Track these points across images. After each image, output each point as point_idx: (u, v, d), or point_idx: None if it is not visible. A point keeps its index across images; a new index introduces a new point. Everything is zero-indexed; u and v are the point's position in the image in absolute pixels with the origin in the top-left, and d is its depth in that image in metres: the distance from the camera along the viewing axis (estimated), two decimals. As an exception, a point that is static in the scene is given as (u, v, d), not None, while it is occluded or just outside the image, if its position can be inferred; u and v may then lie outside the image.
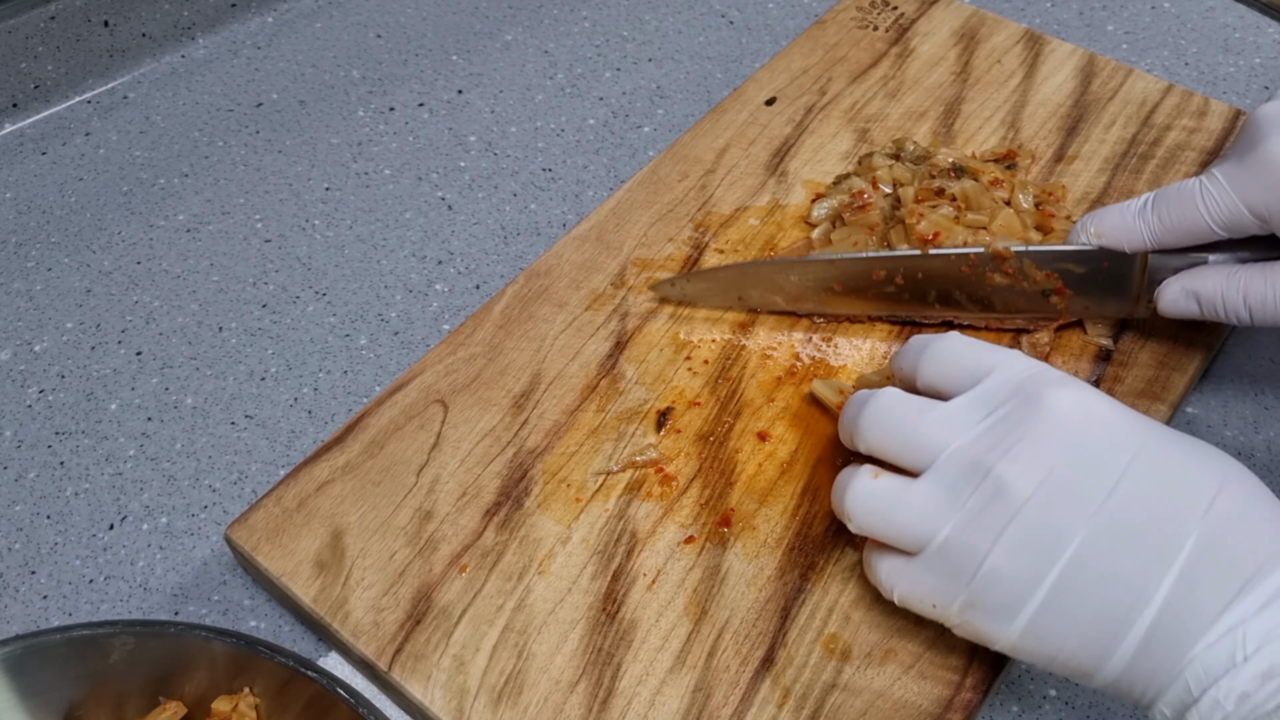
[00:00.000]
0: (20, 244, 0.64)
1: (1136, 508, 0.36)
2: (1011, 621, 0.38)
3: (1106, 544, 0.36)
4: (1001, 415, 0.39)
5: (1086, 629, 0.36)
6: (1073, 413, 0.38)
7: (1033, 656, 0.38)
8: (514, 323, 0.55)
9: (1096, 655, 0.37)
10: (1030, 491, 0.37)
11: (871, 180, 0.59)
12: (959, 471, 0.39)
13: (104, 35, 0.71)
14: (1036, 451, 0.38)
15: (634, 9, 0.80)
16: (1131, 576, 0.36)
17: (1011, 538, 0.37)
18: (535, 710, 0.42)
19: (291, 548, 0.47)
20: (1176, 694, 0.35)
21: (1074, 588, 0.37)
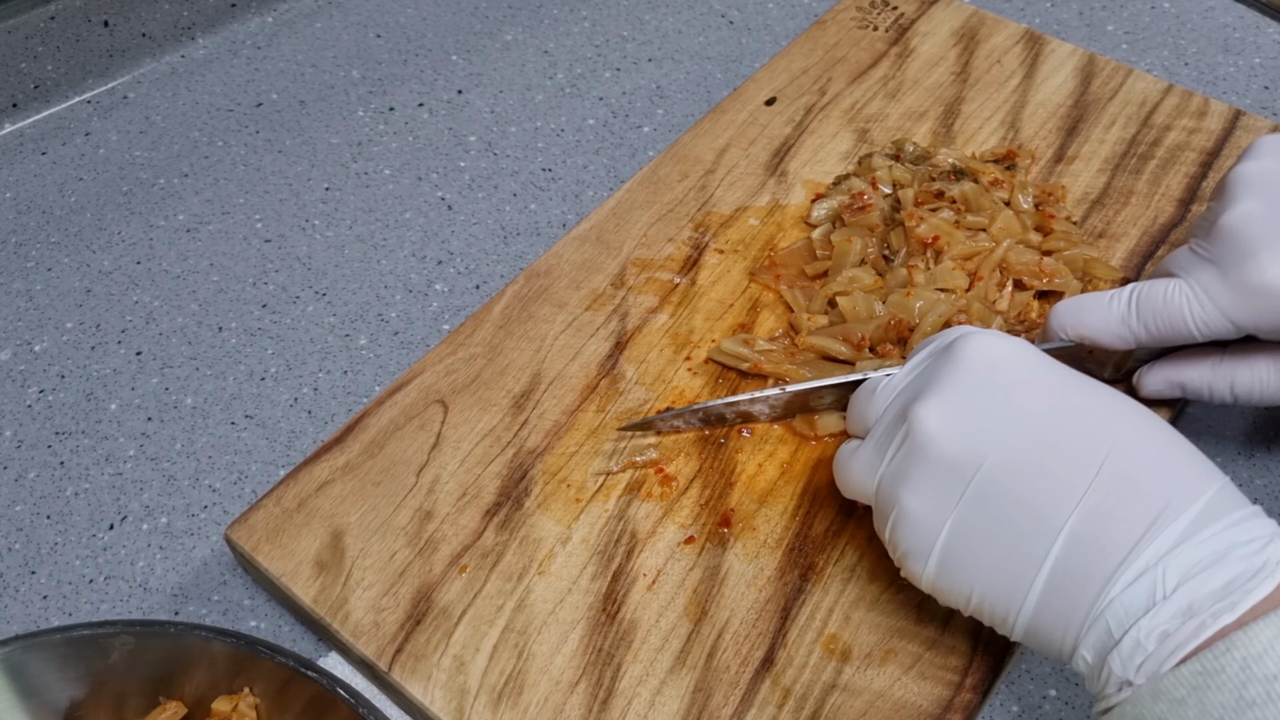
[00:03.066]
0: (20, 244, 0.64)
1: (1038, 444, 0.36)
2: (926, 562, 0.39)
3: (1007, 479, 0.36)
4: (922, 369, 0.42)
5: (993, 567, 0.37)
6: (982, 353, 0.39)
7: (951, 597, 0.39)
8: (514, 323, 0.55)
9: (1007, 594, 0.37)
10: (934, 430, 0.38)
11: (871, 181, 0.59)
12: (886, 425, 0.41)
13: (104, 35, 0.71)
14: (945, 392, 0.38)
15: (634, 9, 0.80)
16: (1033, 510, 0.36)
17: (918, 477, 0.38)
18: (535, 710, 0.42)
19: (291, 548, 0.47)
20: (1097, 636, 0.34)
21: (977, 523, 0.37)
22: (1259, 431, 0.54)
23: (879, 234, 0.56)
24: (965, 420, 0.38)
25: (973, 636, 0.44)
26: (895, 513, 0.39)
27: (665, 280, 0.57)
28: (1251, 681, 0.31)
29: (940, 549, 0.38)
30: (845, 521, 0.48)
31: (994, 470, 0.37)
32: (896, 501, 0.39)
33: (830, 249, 0.57)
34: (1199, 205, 0.60)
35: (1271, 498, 0.52)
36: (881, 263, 0.56)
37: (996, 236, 0.55)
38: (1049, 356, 0.40)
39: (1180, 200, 0.61)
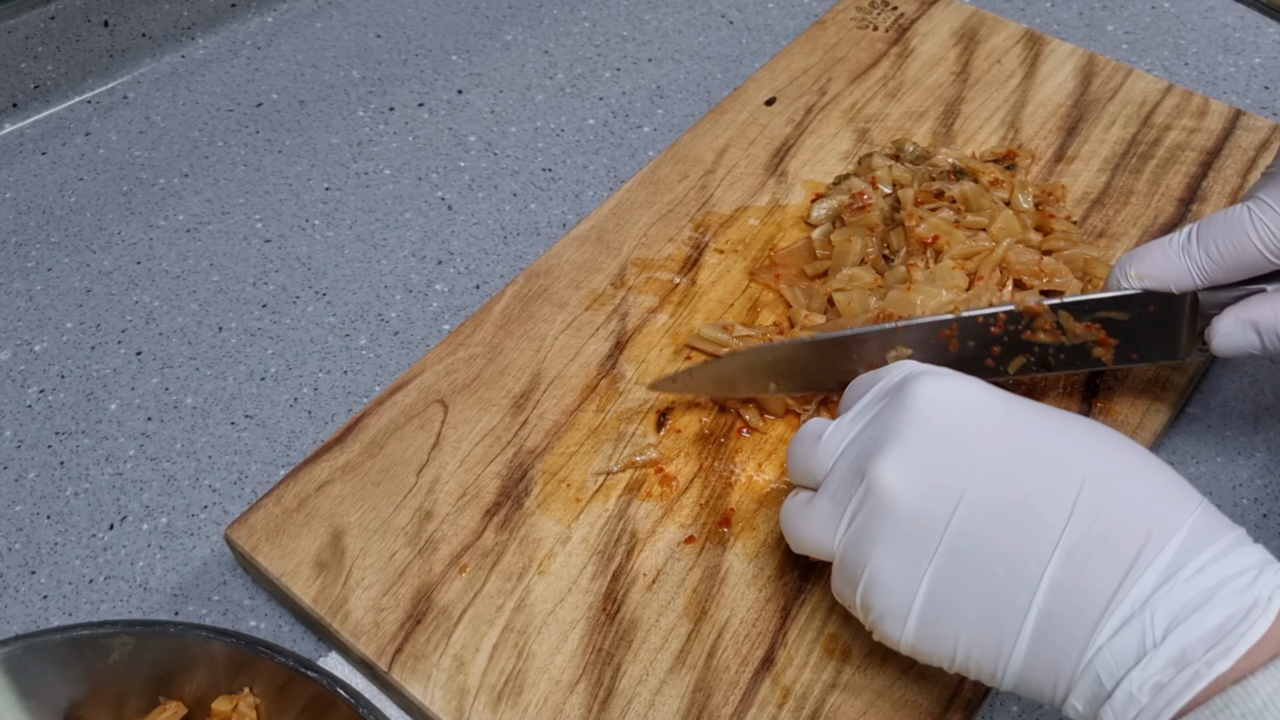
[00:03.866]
0: (20, 244, 0.64)
1: (1007, 488, 0.35)
2: (904, 623, 0.36)
3: (980, 529, 0.35)
4: (873, 416, 0.39)
5: (976, 622, 0.35)
6: (935, 399, 0.37)
7: (935, 658, 0.37)
8: (514, 323, 0.55)
9: (993, 650, 0.35)
10: (899, 488, 0.36)
11: (871, 181, 0.59)
12: (840, 479, 0.39)
13: (104, 35, 0.71)
14: (903, 445, 0.37)
15: (634, 9, 0.80)
16: (1011, 560, 0.34)
17: (887, 536, 0.36)
18: (535, 710, 0.42)
19: (291, 548, 0.47)
20: (1088, 686, 0.33)
21: (955, 578, 0.35)
22: (1259, 431, 0.54)
23: (879, 234, 0.56)
24: (928, 472, 0.36)
25: (973, 636, 0.44)
26: (866, 575, 0.37)
27: (665, 280, 0.57)
28: None
29: (919, 608, 0.36)
30: (845, 521, 0.48)
31: (965, 521, 0.35)
32: (867, 563, 0.37)
33: (830, 249, 0.57)
34: (1199, 205, 0.60)
35: (1272, 498, 0.52)
36: (881, 262, 0.56)
37: (996, 236, 0.55)
38: (1005, 393, 0.38)
39: (1180, 200, 0.61)
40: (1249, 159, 0.63)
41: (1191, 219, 0.59)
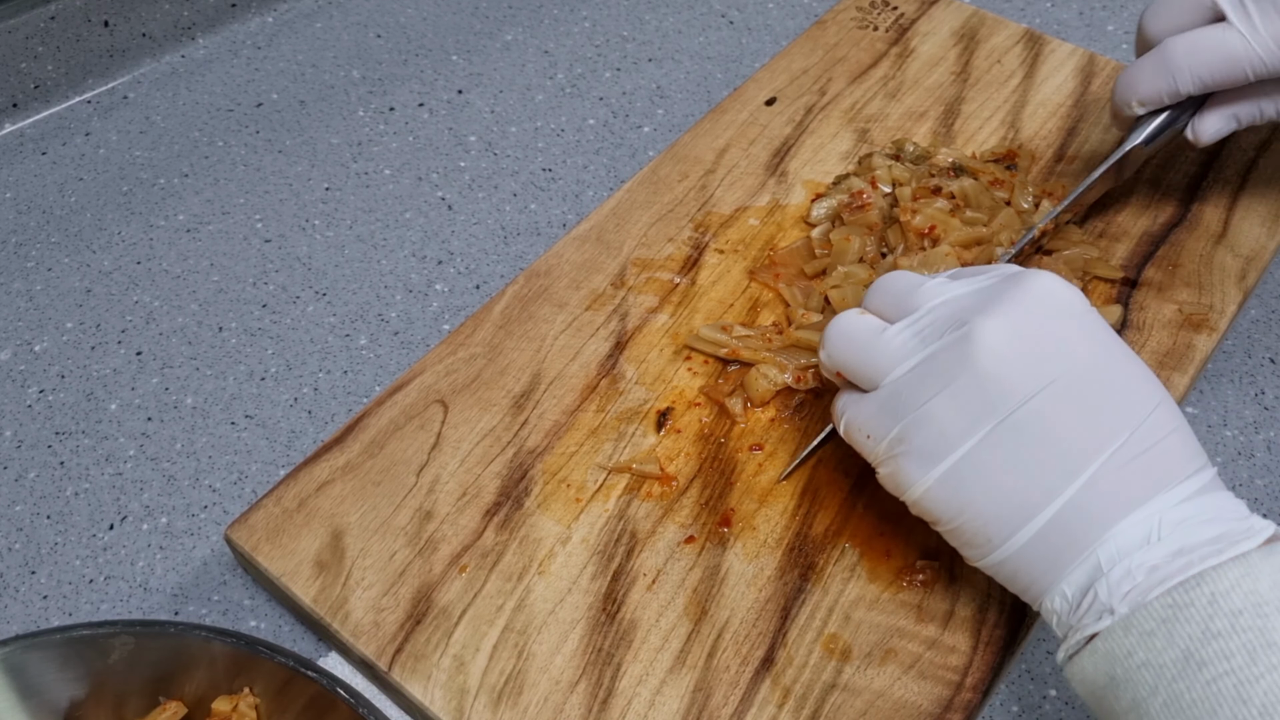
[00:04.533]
0: (20, 244, 0.64)
1: (1092, 386, 0.37)
2: (932, 468, 0.38)
3: (1053, 413, 0.37)
4: (983, 288, 0.40)
5: (1006, 491, 0.37)
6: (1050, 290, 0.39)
7: (936, 509, 0.39)
8: (514, 323, 0.55)
9: (1008, 521, 0.37)
10: (998, 347, 0.38)
11: (870, 180, 0.59)
12: (935, 320, 0.40)
13: (104, 35, 0.71)
14: (1013, 316, 0.38)
15: (634, 9, 0.80)
16: (1066, 448, 0.37)
17: (963, 385, 0.38)
18: (535, 710, 0.42)
19: (291, 548, 0.47)
20: (1085, 572, 0.36)
21: (1007, 447, 0.37)
22: (1259, 431, 0.54)
23: (877, 232, 0.56)
24: (1027, 349, 0.38)
25: (973, 636, 0.44)
26: (921, 411, 0.39)
27: (665, 280, 0.57)
28: (1218, 615, 0.32)
29: (957, 459, 0.38)
30: (845, 521, 0.48)
31: (1044, 402, 0.37)
32: (929, 400, 0.38)
33: (829, 248, 0.57)
34: (1199, 205, 0.60)
35: (1272, 498, 0.52)
36: (880, 261, 0.56)
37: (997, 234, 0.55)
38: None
39: (1180, 200, 0.61)
40: (1249, 159, 0.63)
41: (1192, 219, 0.59)
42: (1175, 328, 0.54)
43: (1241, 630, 0.32)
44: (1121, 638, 0.34)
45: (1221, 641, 0.32)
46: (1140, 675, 0.34)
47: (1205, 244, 0.58)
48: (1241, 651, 0.32)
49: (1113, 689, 0.35)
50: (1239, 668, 0.31)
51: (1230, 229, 0.59)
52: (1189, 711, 0.32)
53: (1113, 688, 0.35)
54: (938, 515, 0.39)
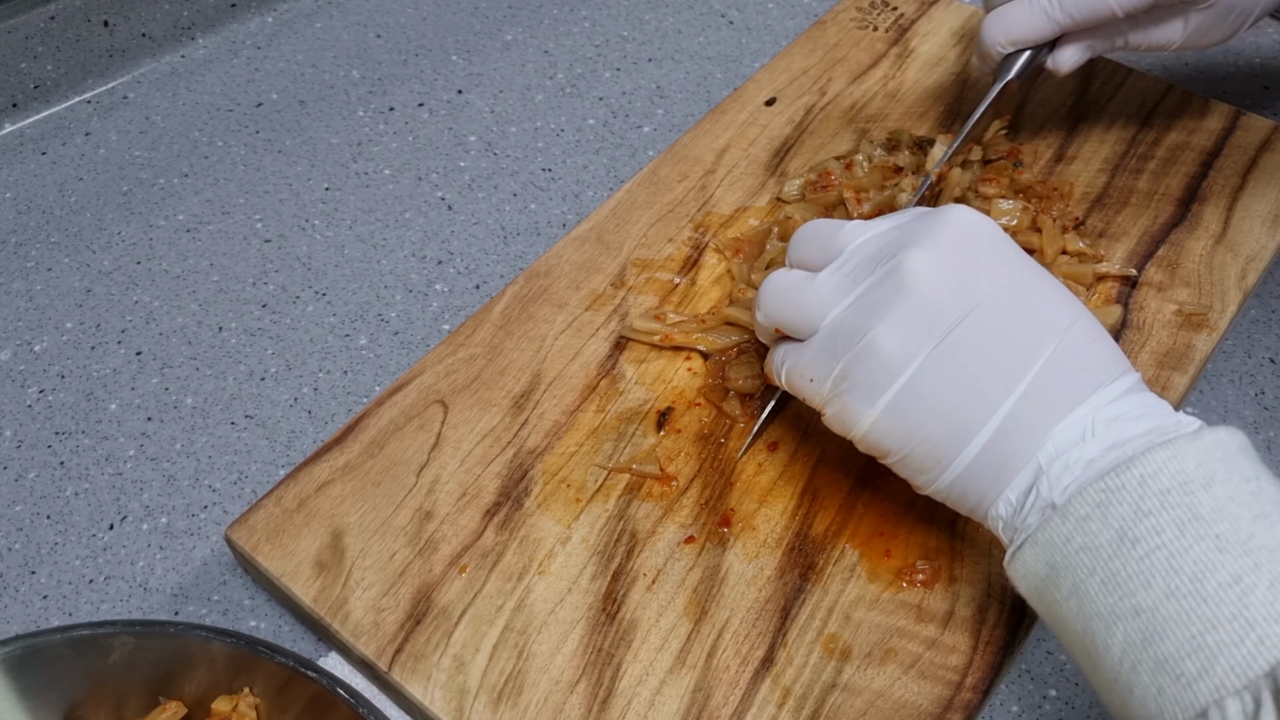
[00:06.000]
0: (20, 244, 0.64)
1: (1018, 300, 0.39)
2: (877, 400, 0.40)
3: (986, 328, 0.39)
4: (904, 225, 0.42)
5: (950, 409, 0.39)
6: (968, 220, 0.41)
7: (885, 440, 0.40)
8: (514, 323, 0.55)
9: (954, 439, 0.39)
10: (928, 274, 0.39)
11: (847, 163, 0.60)
12: (861, 260, 0.42)
13: (104, 35, 0.71)
14: (938, 245, 0.40)
15: (634, 9, 0.80)
16: (1003, 360, 0.38)
17: (900, 313, 0.39)
18: (535, 710, 0.42)
19: (291, 548, 0.47)
20: (1027, 475, 0.38)
21: (946, 366, 0.39)
22: (1259, 431, 0.54)
23: (836, 213, 0.58)
24: (955, 274, 0.40)
25: (973, 636, 0.44)
26: (861, 345, 0.40)
27: (665, 280, 0.57)
28: (1148, 495, 0.34)
29: (900, 387, 0.39)
30: (845, 521, 0.48)
31: (975, 321, 0.39)
32: (867, 333, 0.40)
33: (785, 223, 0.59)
34: (1199, 205, 0.60)
35: (1271, 498, 0.52)
36: None
37: None
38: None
39: (1180, 200, 0.61)
40: (1249, 159, 0.63)
41: (1192, 219, 0.59)
42: (1175, 328, 0.54)
43: (1170, 507, 0.34)
44: (1060, 525, 0.36)
45: (1152, 519, 0.34)
46: (1079, 559, 0.35)
47: (1205, 244, 0.58)
48: (1171, 526, 0.34)
49: (1053, 578, 0.36)
50: (1169, 541, 0.33)
51: (1230, 229, 0.59)
52: (1125, 586, 0.34)
53: (1053, 576, 0.36)
54: (888, 445, 0.40)
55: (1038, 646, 0.47)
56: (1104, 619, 0.34)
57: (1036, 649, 0.47)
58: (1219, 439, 0.35)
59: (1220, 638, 0.32)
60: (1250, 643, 0.31)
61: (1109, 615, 0.34)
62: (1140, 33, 0.56)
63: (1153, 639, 0.33)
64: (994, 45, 0.56)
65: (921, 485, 0.41)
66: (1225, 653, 0.31)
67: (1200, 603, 0.32)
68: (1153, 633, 0.33)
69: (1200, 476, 0.34)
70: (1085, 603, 0.35)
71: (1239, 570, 0.32)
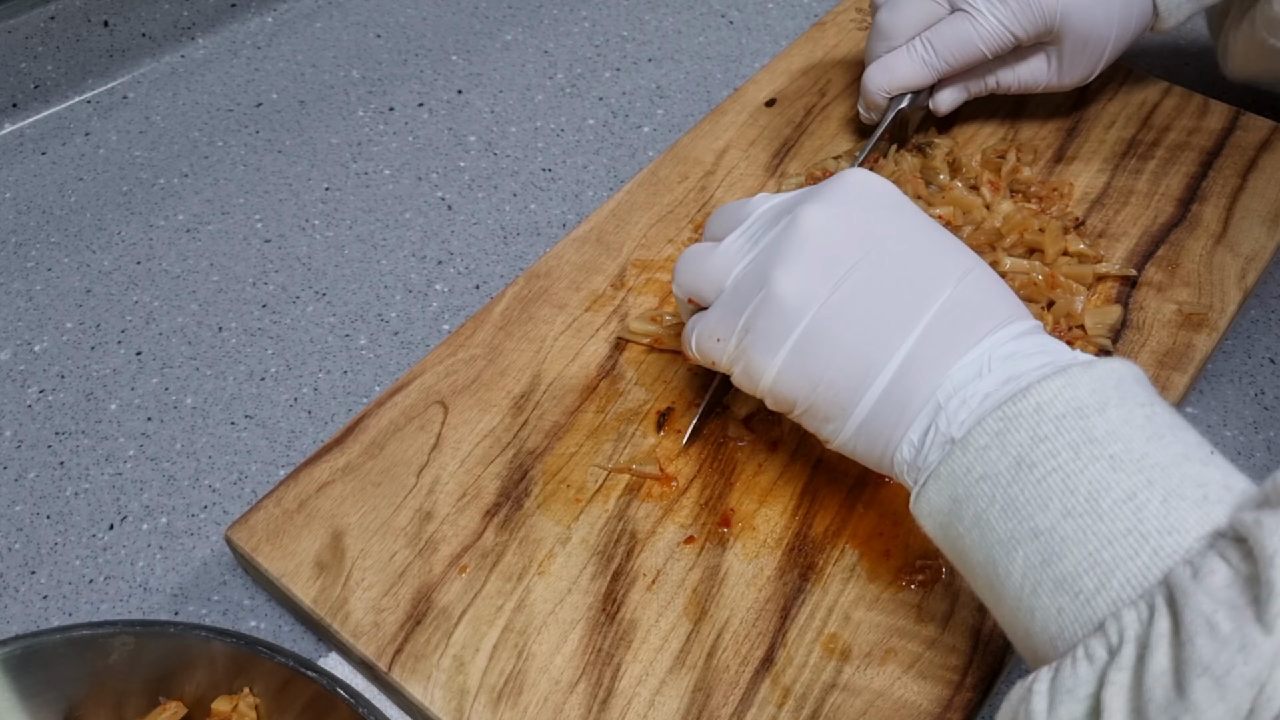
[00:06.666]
0: (20, 244, 0.64)
1: (915, 247, 0.40)
2: (779, 350, 0.40)
3: (884, 272, 0.40)
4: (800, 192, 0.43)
5: (850, 354, 0.39)
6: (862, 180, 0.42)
7: (789, 390, 0.41)
8: (514, 324, 0.55)
9: (856, 382, 0.39)
10: (823, 222, 0.41)
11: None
12: (763, 223, 0.43)
13: (104, 35, 0.71)
14: (832, 198, 0.41)
15: (634, 9, 0.80)
16: (900, 304, 0.39)
17: (795, 259, 0.40)
18: (535, 710, 0.42)
19: (291, 548, 0.47)
20: (927, 414, 0.38)
21: (846, 310, 0.39)
22: (1259, 431, 0.54)
23: None
24: (850, 224, 0.41)
25: (973, 636, 0.44)
26: (760, 297, 0.41)
27: (665, 281, 0.57)
28: (1044, 421, 0.35)
29: (799, 335, 0.40)
30: (845, 521, 0.48)
31: (870, 266, 0.40)
32: (764, 285, 0.41)
33: None
34: (1199, 205, 0.60)
35: (1271, 498, 0.52)
36: None
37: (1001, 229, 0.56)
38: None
39: (1180, 200, 0.61)
40: (1249, 159, 0.63)
41: (1192, 219, 0.59)
42: (1175, 327, 0.54)
43: (1065, 431, 0.34)
44: (960, 457, 0.36)
45: (1048, 443, 0.34)
46: (979, 488, 0.36)
47: (1205, 244, 0.58)
48: (1066, 449, 0.34)
49: (956, 510, 0.36)
50: (1065, 464, 0.34)
51: (1230, 229, 0.59)
52: (1024, 510, 0.34)
53: (956, 509, 0.36)
54: (793, 395, 0.41)
55: (1038, 647, 0.47)
56: (1005, 545, 0.35)
57: (1036, 649, 0.47)
58: (1113, 368, 0.36)
59: (1116, 552, 0.32)
60: (1145, 554, 0.32)
61: (1009, 541, 0.35)
62: (1009, 71, 0.61)
63: (1051, 559, 0.33)
64: (878, 92, 0.60)
65: (829, 437, 0.42)
66: (1121, 566, 0.32)
67: (1096, 520, 0.33)
68: (1051, 553, 0.34)
69: (1094, 402, 0.35)
70: (987, 531, 0.35)
71: (1133, 487, 0.33)
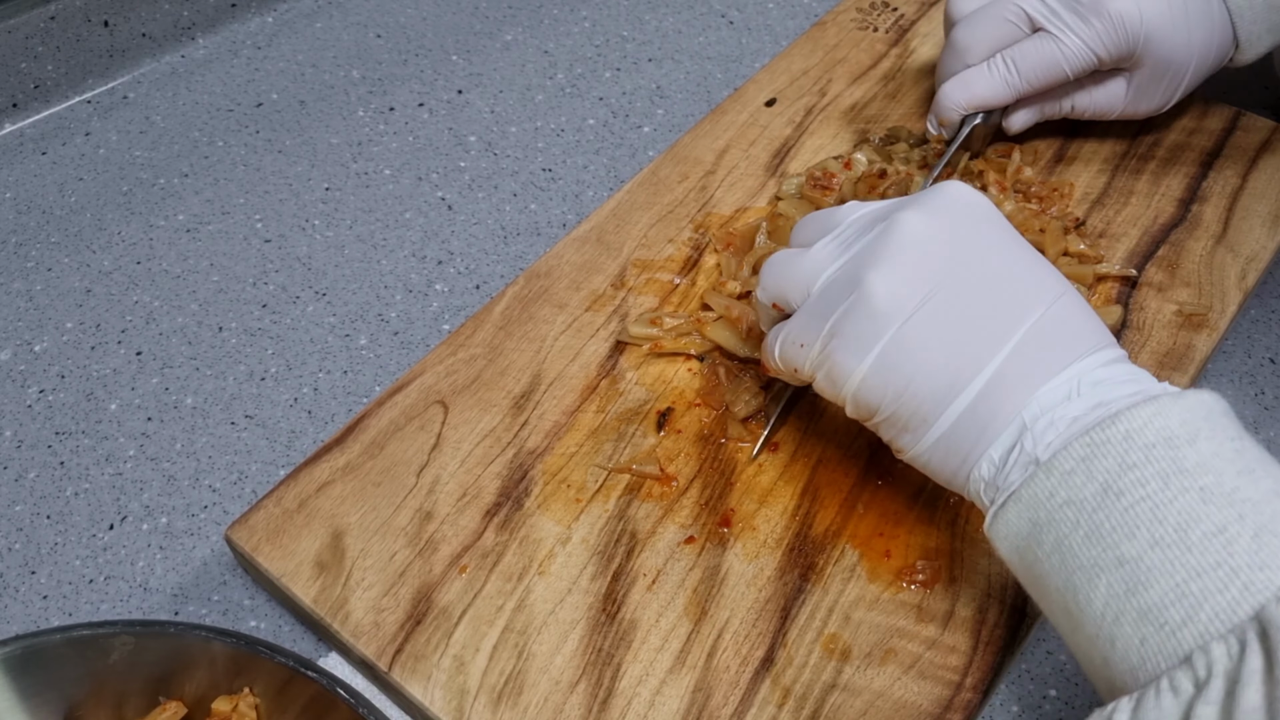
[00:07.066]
0: (20, 244, 0.64)
1: (998, 275, 0.40)
2: (868, 354, 0.40)
3: (984, 281, 0.39)
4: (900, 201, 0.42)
5: (941, 362, 0.39)
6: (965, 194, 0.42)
7: (877, 394, 0.40)
8: (514, 324, 0.55)
9: (942, 395, 0.39)
10: (924, 227, 0.40)
11: (845, 163, 0.60)
12: (858, 228, 0.42)
13: (104, 35, 0.71)
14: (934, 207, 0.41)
15: (634, 9, 0.80)
16: (998, 316, 0.39)
17: (893, 261, 0.40)
18: (535, 710, 0.42)
19: (292, 548, 0.47)
20: (1011, 434, 0.38)
21: (942, 316, 0.39)
22: (1259, 431, 0.54)
23: None
24: (948, 235, 0.40)
25: (973, 636, 0.44)
26: (852, 300, 0.40)
27: (665, 281, 0.57)
28: (1133, 449, 0.35)
29: (889, 341, 0.39)
30: (845, 521, 0.48)
31: (965, 279, 0.39)
32: (857, 288, 0.40)
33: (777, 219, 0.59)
34: (1199, 205, 0.60)
35: (1271, 498, 0.52)
36: None
37: None
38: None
39: (1180, 200, 0.61)
40: (1249, 159, 0.63)
41: (1192, 219, 0.59)
42: (1175, 328, 0.54)
43: (1155, 460, 0.34)
44: (1044, 480, 0.36)
45: (1137, 471, 0.34)
46: (1062, 514, 0.35)
47: (1205, 244, 0.58)
48: (1156, 478, 0.34)
49: (1036, 534, 0.36)
50: (1154, 493, 0.34)
51: (1230, 229, 0.59)
52: (1109, 538, 0.34)
53: (1036, 533, 0.36)
54: (876, 401, 0.40)
55: (1038, 646, 0.47)
56: (1087, 572, 0.34)
57: (1036, 649, 0.47)
58: (1202, 399, 0.36)
59: (1205, 585, 0.32)
60: (1235, 589, 0.31)
61: (1092, 568, 0.34)
62: (1085, 95, 0.60)
63: (1137, 589, 0.33)
64: (954, 108, 0.59)
65: (904, 446, 0.41)
66: (1210, 599, 0.32)
67: (1185, 551, 0.33)
68: (1137, 582, 0.33)
69: (1185, 432, 0.34)
70: (1068, 557, 0.35)
71: (1223, 520, 0.33)
